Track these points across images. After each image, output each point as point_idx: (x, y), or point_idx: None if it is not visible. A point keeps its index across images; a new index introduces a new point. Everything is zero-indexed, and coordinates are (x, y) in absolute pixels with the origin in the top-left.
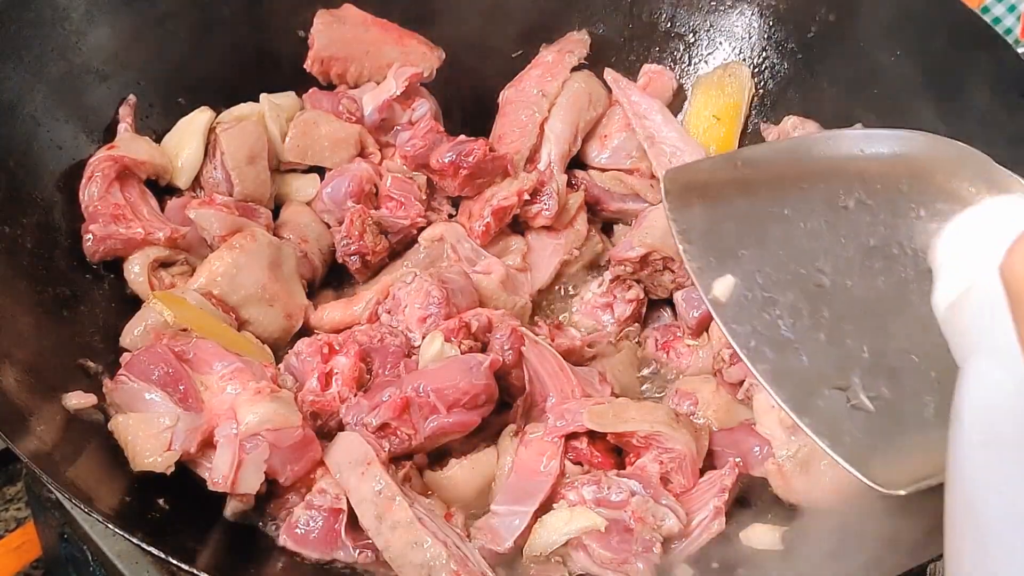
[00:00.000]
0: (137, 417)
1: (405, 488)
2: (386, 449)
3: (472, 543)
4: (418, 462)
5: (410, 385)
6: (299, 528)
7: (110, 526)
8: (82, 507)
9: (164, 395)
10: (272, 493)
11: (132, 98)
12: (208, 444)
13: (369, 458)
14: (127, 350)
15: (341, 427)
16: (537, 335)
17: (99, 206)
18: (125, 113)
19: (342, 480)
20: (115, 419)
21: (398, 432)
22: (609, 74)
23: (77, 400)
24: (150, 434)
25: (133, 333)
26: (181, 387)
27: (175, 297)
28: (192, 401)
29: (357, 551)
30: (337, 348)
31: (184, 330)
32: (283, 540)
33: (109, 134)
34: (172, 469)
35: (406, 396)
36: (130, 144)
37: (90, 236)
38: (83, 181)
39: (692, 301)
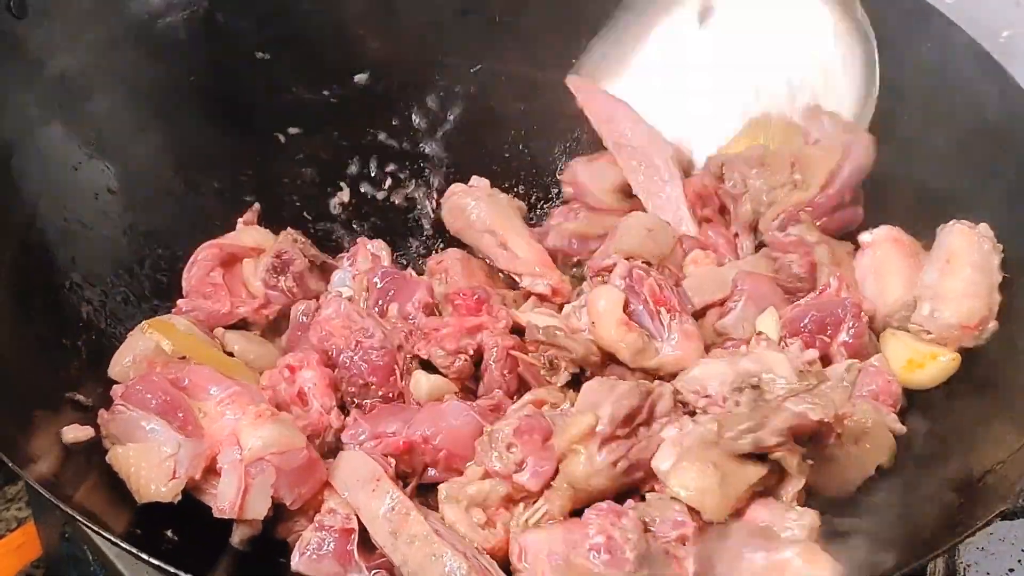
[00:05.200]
0: (138, 448)
1: (416, 502)
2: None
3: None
4: None
5: (419, 431)
6: (311, 551)
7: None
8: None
9: (163, 423)
10: (279, 517)
11: (256, 205)
12: (211, 470)
13: (378, 475)
14: (116, 381)
15: (339, 445)
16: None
17: (196, 286)
18: (248, 217)
19: (351, 499)
20: (114, 451)
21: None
22: (572, 81)
23: (74, 434)
24: (153, 464)
25: (122, 363)
26: (180, 414)
27: (166, 323)
28: (192, 427)
29: (371, 571)
30: (297, 364)
31: (182, 358)
32: (296, 564)
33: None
34: (179, 498)
35: (411, 440)
36: (239, 234)
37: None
38: (187, 266)
39: None
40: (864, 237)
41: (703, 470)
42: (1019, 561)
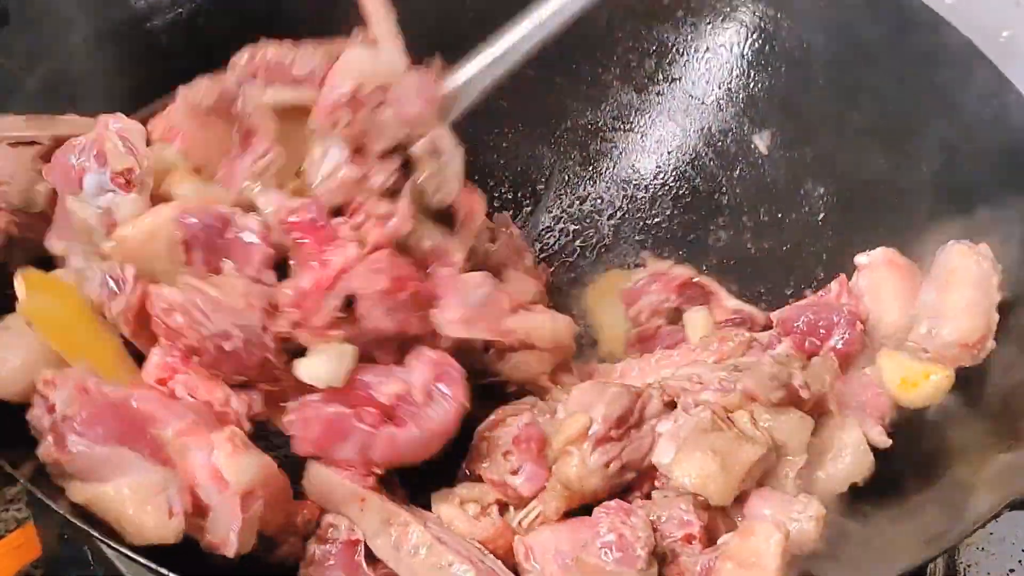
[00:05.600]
0: (121, 484)
1: (411, 508)
2: None
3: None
4: None
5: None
6: (317, 564)
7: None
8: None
9: (136, 455)
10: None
11: None
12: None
13: (360, 495)
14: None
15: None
16: None
17: None
18: None
19: (346, 514)
20: (83, 490)
21: None
22: None
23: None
24: (144, 501)
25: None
26: (148, 438)
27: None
28: (165, 456)
29: None
30: (166, 376)
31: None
32: None
33: None
34: (181, 537)
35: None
36: None
37: None
38: None
39: None
40: (860, 259)
41: (703, 456)
42: (1020, 561)
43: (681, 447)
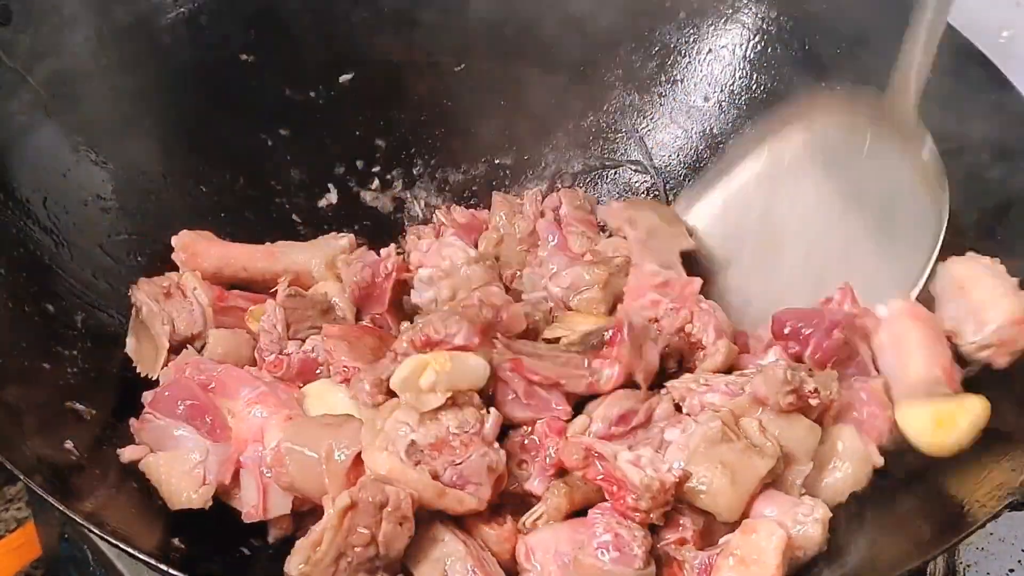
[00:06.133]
0: (167, 456)
1: None
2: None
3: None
4: None
5: None
6: None
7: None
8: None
9: (191, 429)
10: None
11: None
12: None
13: None
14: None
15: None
16: None
17: None
18: None
19: None
20: (145, 460)
21: None
22: None
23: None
24: (182, 471)
25: None
26: (208, 419)
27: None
28: (220, 431)
29: None
30: None
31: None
32: None
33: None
34: (210, 503)
35: None
36: None
37: None
38: None
39: None
40: (880, 311)
41: (712, 471)
42: (1019, 561)
43: (689, 460)
